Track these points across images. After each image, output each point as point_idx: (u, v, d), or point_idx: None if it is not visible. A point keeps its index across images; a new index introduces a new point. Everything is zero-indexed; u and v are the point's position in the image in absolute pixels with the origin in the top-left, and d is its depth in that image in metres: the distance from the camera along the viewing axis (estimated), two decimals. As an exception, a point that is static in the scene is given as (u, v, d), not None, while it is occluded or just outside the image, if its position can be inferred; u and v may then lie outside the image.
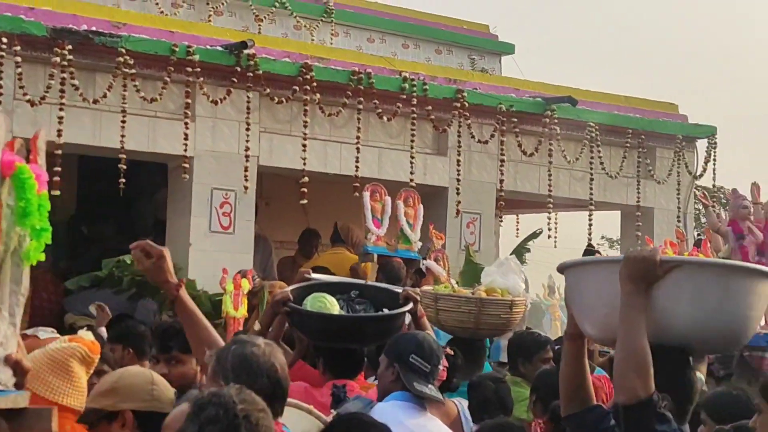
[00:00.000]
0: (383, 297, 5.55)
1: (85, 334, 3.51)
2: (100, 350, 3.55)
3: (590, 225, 11.74)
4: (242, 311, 7.89)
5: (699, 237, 8.02)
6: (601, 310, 3.20)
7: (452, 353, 6.28)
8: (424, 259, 8.77)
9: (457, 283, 7.36)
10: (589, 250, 10.30)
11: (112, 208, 11.11)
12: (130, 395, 3.69)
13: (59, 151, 8.54)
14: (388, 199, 9.27)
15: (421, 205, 9.54)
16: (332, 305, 5.33)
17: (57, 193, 8.47)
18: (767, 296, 3.29)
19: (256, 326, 5.26)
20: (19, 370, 2.58)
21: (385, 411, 4.29)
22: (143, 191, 11.09)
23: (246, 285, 7.51)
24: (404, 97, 10.29)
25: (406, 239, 9.27)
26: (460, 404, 5.31)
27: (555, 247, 12.15)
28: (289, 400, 3.52)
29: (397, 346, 4.82)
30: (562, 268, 3.45)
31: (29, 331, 6.32)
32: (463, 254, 10.52)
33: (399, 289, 5.64)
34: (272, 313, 5.25)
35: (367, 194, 9.17)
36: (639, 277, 3.09)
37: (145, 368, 4.60)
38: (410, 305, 5.37)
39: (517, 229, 13.36)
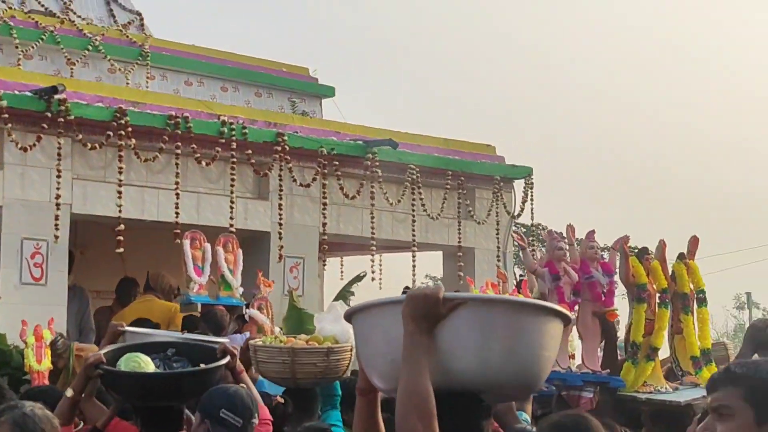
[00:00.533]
0: (200, 352, 5.47)
1: None
2: None
3: (414, 266, 11.79)
4: (46, 363, 7.55)
5: (521, 277, 8.11)
6: (387, 357, 3.00)
7: (282, 401, 6.18)
8: (247, 306, 8.61)
9: (281, 329, 7.23)
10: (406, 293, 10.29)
11: None
12: None
13: None
14: (208, 245, 9.07)
15: (240, 250, 9.38)
16: (147, 364, 5.22)
17: None
18: (558, 334, 3.14)
19: (69, 392, 5.10)
20: None
21: None
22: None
23: (48, 335, 7.17)
24: (223, 141, 10.14)
25: (228, 286, 9.07)
26: None
27: (380, 288, 12.17)
28: None
29: (209, 402, 4.77)
30: (347, 316, 3.25)
31: None
32: (287, 299, 10.36)
33: (217, 344, 5.55)
34: (85, 377, 5.12)
35: (187, 242, 8.95)
36: (421, 316, 2.91)
37: None
38: (227, 359, 5.31)
39: (342, 272, 13.35)
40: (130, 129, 9.52)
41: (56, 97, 9.17)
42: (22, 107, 9.11)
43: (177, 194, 9.80)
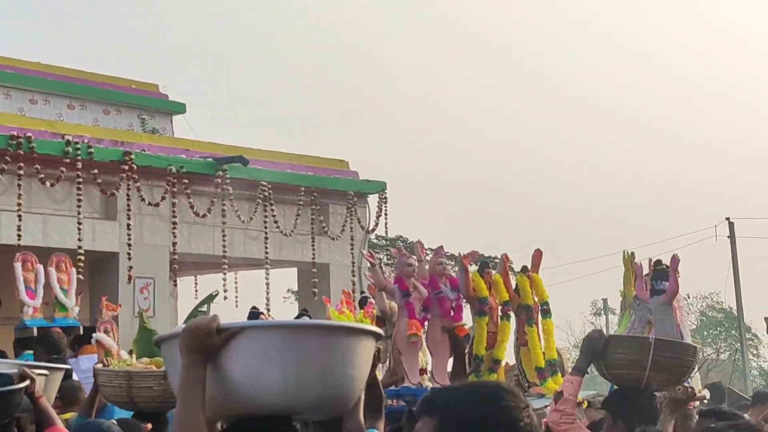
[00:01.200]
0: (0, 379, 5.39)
1: None
2: None
3: (267, 283, 11.73)
4: None
5: (363, 295, 8.13)
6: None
7: (149, 427, 6.11)
8: (94, 331, 8.43)
9: (130, 352, 7.09)
10: (254, 313, 10.22)
11: None
12: None
13: None
14: (40, 267, 8.86)
15: (74, 269, 9.22)
16: None
17: None
18: (347, 351, 3.12)
19: None
20: None
21: None
22: None
23: None
24: (68, 161, 9.92)
25: (62, 306, 8.89)
26: None
27: (236, 306, 12.08)
28: None
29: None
30: (156, 343, 3.27)
31: None
32: (137, 321, 10.20)
33: (14, 369, 5.47)
34: None
35: (18, 264, 8.73)
36: (195, 349, 2.89)
37: None
38: (26, 383, 5.18)
39: (196, 291, 13.20)
40: (-30, 150, 9.25)
41: None
42: None
43: (19, 216, 9.54)
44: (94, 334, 8.31)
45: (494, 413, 2.53)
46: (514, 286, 6.81)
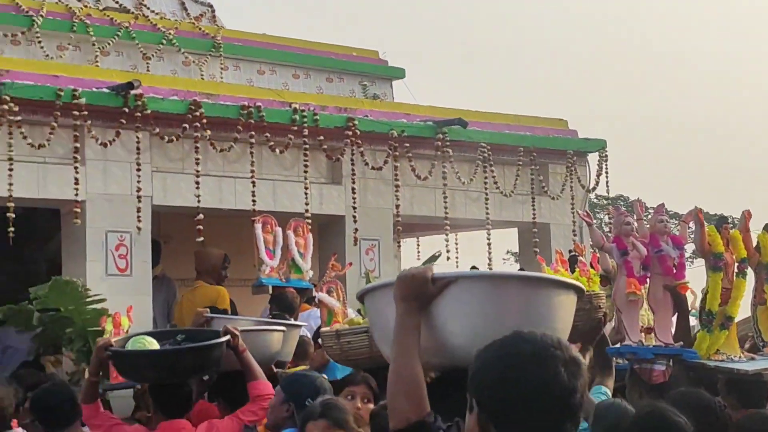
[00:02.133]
0: (209, 336, 5.93)
1: None
2: None
3: (489, 244, 11.89)
4: None
5: (572, 254, 8.14)
6: (388, 338, 3.05)
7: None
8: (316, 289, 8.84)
9: (359, 311, 7.40)
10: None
11: (2, 257, 10.93)
12: None
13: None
14: (279, 230, 9.35)
15: (311, 234, 9.67)
16: (151, 344, 5.71)
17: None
18: (561, 305, 3.13)
19: (86, 375, 5.82)
20: None
21: None
22: (36, 238, 10.92)
23: (125, 323, 7.46)
24: (295, 128, 10.32)
25: (298, 269, 9.35)
26: None
27: (457, 267, 12.27)
28: None
29: (296, 387, 5.11)
30: (359, 297, 3.36)
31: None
32: (364, 281, 10.55)
33: (295, 325, 5.86)
34: (97, 359, 5.70)
35: (259, 226, 9.23)
36: (411, 297, 2.95)
37: None
38: (226, 338, 5.80)
39: (419, 252, 13.49)
40: (205, 120, 9.75)
41: (132, 92, 9.42)
42: (101, 104, 9.38)
43: (253, 182, 10.01)
44: (316, 294, 8.74)
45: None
46: (755, 244, 6.72)
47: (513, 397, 2.35)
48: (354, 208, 10.73)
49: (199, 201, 9.67)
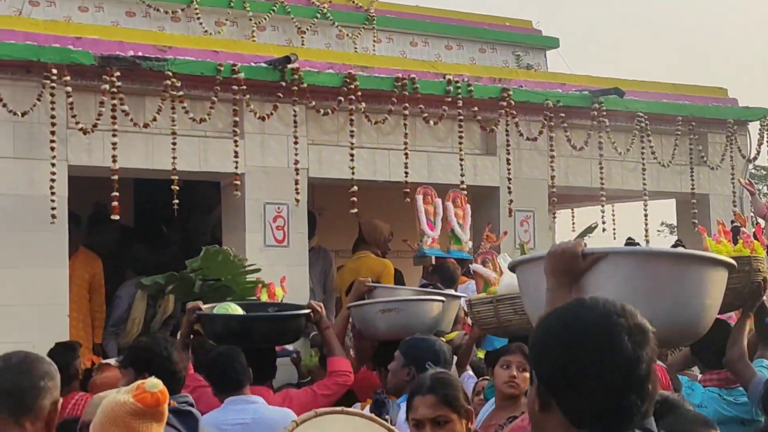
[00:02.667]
0: (296, 309, 6.54)
1: (153, 384, 3.12)
2: (166, 400, 3.15)
3: (645, 215, 11.70)
4: None
5: (734, 225, 7.92)
6: (539, 311, 3.02)
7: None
8: (471, 262, 8.86)
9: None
10: (630, 243, 10.28)
11: (169, 229, 11.32)
12: None
13: (115, 177, 8.71)
14: (439, 201, 9.41)
15: (469, 205, 9.70)
16: (235, 310, 6.23)
17: (116, 217, 8.70)
18: (705, 281, 3.10)
19: (179, 336, 6.26)
20: None
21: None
22: (199, 210, 11.25)
23: (280, 293, 7.64)
24: (449, 99, 10.32)
25: (457, 240, 9.41)
26: None
27: (614, 239, 12.11)
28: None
29: (416, 351, 5.31)
30: (512, 266, 3.38)
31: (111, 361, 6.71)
32: (518, 252, 10.52)
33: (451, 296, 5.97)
34: (188, 321, 6.26)
35: (420, 197, 9.32)
36: (561, 272, 2.96)
37: None
38: (307, 311, 6.28)
39: (573, 224, 13.35)
40: (359, 93, 9.84)
41: (289, 66, 9.57)
42: (259, 78, 9.55)
43: (406, 154, 10.06)
44: (471, 265, 8.78)
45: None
46: None
47: (572, 367, 2.21)
48: (508, 179, 10.68)
49: (353, 173, 9.78)
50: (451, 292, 8.27)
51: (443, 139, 10.58)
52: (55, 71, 8.58)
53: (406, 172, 10.06)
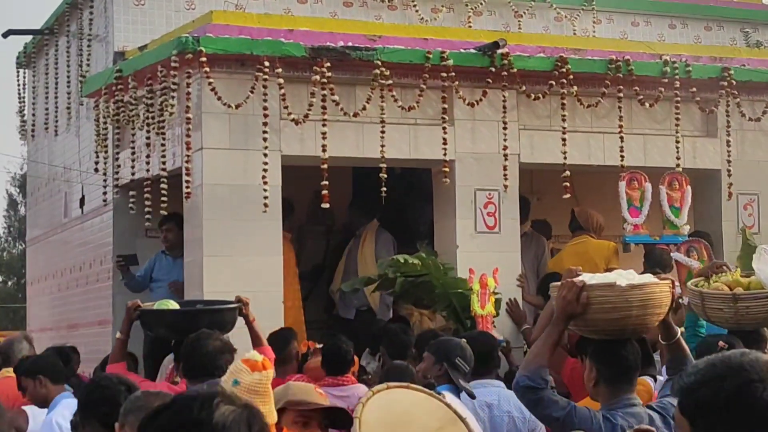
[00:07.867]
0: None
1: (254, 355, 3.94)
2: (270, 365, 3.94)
3: None
4: (489, 309, 8.21)
5: None
6: None
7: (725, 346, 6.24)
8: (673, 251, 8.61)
9: (736, 267, 7.12)
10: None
11: (386, 216, 11.47)
12: None
13: (325, 166, 8.91)
14: (648, 185, 9.16)
15: (689, 187, 9.41)
16: (173, 305, 6.61)
17: (326, 205, 8.90)
18: None
19: (118, 335, 6.56)
20: None
21: (453, 399, 5.17)
22: (418, 198, 11.27)
23: (492, 284, 7.66)
24: (666, 80, 10.01)
25: (672, 224, 9.13)
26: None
27: None
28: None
29: (445, 349, 5.87)
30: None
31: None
32: (740, 238, 10.12)
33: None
34: (128, 318, 6.51)
35: (623, 183, 9.11)
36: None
37: None
38: (237, 305, 6.60)
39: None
40: (571, 77, 9.68)
41: (498, 51, 9.51)
42: (468, 64, 9.55)
43: (621, 137, 9.84)
44: (673, 254, 8.53)
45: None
46: None
47: (742, 422, 2.15)
48: (728, 161, 10.27)
49: (566, 157, 9.63)
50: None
51: (660, 122, 10.28)
52: (267, 64, 8.84)
53: (622, 156, 9.83)
